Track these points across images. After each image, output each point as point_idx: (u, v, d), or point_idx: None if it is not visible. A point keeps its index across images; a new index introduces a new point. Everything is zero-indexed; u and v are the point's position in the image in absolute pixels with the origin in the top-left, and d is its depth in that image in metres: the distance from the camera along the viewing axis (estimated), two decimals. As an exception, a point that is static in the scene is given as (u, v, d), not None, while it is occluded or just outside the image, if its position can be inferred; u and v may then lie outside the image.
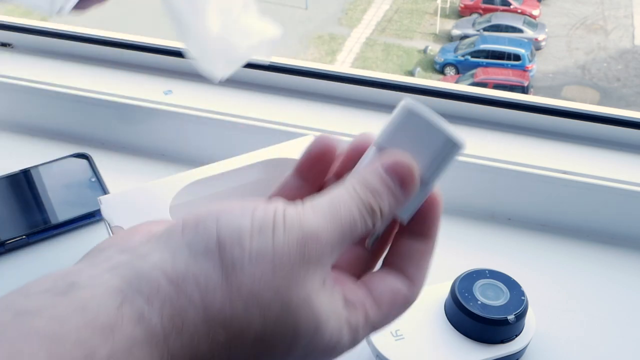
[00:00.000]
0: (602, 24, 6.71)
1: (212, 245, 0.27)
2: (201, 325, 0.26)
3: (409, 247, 0.33)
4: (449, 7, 7.11)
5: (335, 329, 0.28)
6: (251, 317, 0.26)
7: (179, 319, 0.26)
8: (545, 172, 0.61)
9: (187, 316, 0.26)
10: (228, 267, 0.26)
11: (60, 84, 0.72)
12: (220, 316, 0.26)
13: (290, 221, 0.28)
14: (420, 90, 0.68)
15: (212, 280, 0.26)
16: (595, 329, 0.54)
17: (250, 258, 0.27)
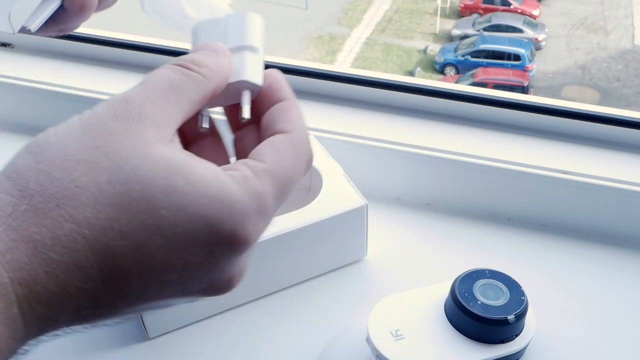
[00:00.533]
0: (602, 24, 6.70)
1: (20, 150, 0.27)
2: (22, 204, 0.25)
3: (271, 114, 0.31)
4: (449, 7, 7.10)
5: (205, 171, 0.27)
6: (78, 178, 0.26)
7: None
8: (545, 172, 0.61)
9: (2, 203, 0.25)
10: (34, 150, 0.26)
11: (60, 84, 0.72)
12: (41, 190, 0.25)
13: (98, 105, 0.28)
14: (420, 90, 0.68)
15: (20, 165, 0.26)
16: (595, 329, 0.54)
17: (56, 133, 0.27)
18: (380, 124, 0.67)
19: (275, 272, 0.56)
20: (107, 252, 0.25)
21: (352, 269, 0.59)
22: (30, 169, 0.26)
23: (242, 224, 0.27)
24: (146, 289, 0.27)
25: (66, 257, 0.25)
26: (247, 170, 0.28)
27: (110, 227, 0.25)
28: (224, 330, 0.54)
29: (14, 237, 0.25)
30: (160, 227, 0.26)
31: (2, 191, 0.26)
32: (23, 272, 0.24)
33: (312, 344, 0.52)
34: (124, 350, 0.53)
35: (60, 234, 0.25)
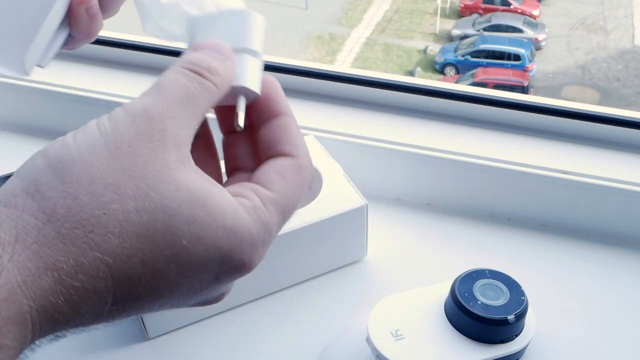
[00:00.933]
0: (602, 24, 6.70)
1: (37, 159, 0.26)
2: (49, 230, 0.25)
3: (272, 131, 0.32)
4: (449, 7, 7.10)
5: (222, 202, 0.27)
6: (106, 205, 0.25)
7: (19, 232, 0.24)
8: (545, 172, 0.61)
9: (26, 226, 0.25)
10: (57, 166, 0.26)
11: (60, 84, 0.72)
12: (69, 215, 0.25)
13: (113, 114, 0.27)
14: (420, 90, 0.68)
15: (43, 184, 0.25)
16: (595, 329, 0.54)
17: (79, 150, 0.26)
18: (380, 124, 0.67)
19: (275, 272, 0.56)
20: (126, 279, 0.26)
21: (352, 269, 0.59)
22: (55, 189, 0.25)
23: (250, 254, 0.28)
24: (151, 305, 0.28)
25: (86, 284, 0.25)
26: (257, 200, 0.29)
27: (133, 256, 0.26)
28: (224, 330, 0.54)
29: (38, 265, 0.24)
30: (179, 256, 0.26)
31: (26, 212, 0.25)
32: (43, 299, 0.24)
33: (312, 344, 0.52)
34: (124, 350, 0.53)
35: (85, 262, 0.25)
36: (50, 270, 0.24)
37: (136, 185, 0.26)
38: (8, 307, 0.23)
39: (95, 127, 0.27)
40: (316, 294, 0.57)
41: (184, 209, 0.26)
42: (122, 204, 0.25)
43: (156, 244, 0.26)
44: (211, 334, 0.54)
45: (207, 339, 0.53)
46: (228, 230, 0.27)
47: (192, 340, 0.53)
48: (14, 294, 0.24)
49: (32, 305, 0.24)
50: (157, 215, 0.26)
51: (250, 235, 0.28)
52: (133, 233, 0.25)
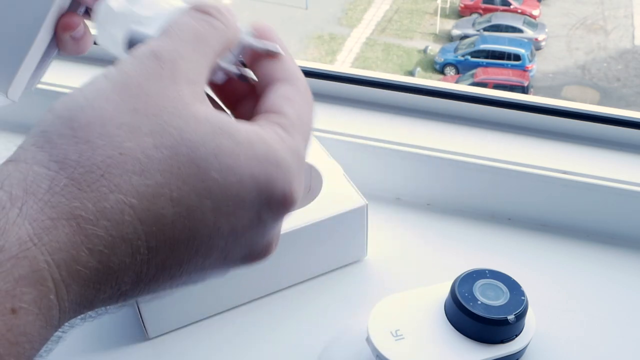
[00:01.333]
0: (602, 24, 6.70)
1: (44, 115, 0.25)
2: (61, 177, 0.23)
3: (265, 66, 0.30)
4: (449, 7, 7.10)
5: (248, 131, 0.26)
6: (122, 144, 0.24)
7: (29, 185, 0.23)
8: (545, 172, 0.61)
9: (37, 177, 0.23)
10: (64, 114, 0.25)
11: (60, 84, 0.72)
12: (82, 159, 0.23)
13: (119, 60, 0.26)
14: (420, 90, 0.68)
15: (52, 133, 0.24)
16: (595, 329, 0.54)
17: (86, 96, 0.25)
18: (380, 124, 0.67)
19: (275, 272, 0.56)
20: (157, 221, 0.24)
21: (352, 269, 0.59)
22: (65, 137, 0.24)
23: (290, 183, 0.26)
24: (191, 258, 0.26)
25: (112, 230, 0.23)
26: (279, 129, 0.27)
27: (160, 194, 0.24)
28: (224, 330, 0.54)
29: (52, 216, 0.22)
30: (211, 190, 0.25)
31: (37, 163, 0.23)
32: (62, 253, 0.22)
33: (312, 344, 0.52)
34: (124, 350, 0.53)
35: (106, 207, 0.23)
36: (67, 219, 0.23)
37: (151, 122, 0.24)
38: (20, 264, 0.21)
39: (102, 75, 0.26)
40: (316, 294, 0.57)
41: (208, 140, 0.25)
42: (138, 141, 0.24)
43: (183, 180, 0.24)
44: (211, 334, 0.54)
45: (207, 339, 0.53)
46: (261, 158, 0.25)
47: (192, 340, 0.53)
48: (26, 249, 0.22)
49: (50, 261, 0.22)
50: (178, 149, 0.24)
51: (285, 163, 0.26)
52: (155, 170, 0.24)
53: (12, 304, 0.21)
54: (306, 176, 0.64)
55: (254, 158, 0.25)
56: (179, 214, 0.24)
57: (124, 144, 0.24)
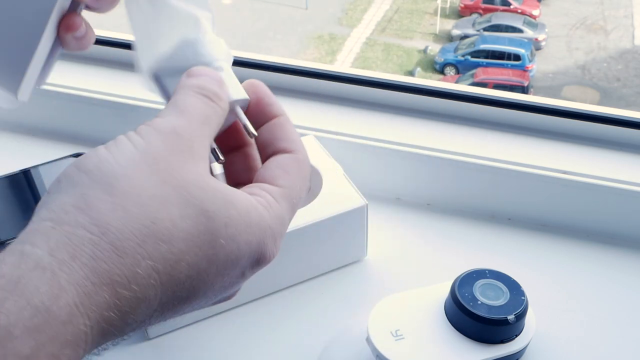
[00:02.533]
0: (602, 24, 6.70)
1: (77, 175, 0.27)
2: (104, 244, 0.25)
3: (269, 132, 0.34)
4: (449, 7, 7.10)
5: (246, 201, 0.29)
6: (154, 214, 0.26)
7: (75, 249, 0.25)
8: (545, 172, 0.61)
9: (81, 241, 0.25)
10: (102, 180, 0.27)
11: (60, 84, 0.72)
12: (121, 227, 0.26)
13: (141, 130, 0.29)
14: (420, 90, 0.68)
15: (92, 197, 0.26)
16: (595, 329, 0.54)
17: (120, 164, 0.27)
18: (380, 124, 0.67)
19: (275, 272, 0.55)
20: (173, 283, 0.27)
21: (352, 269, 0.59)
22: (105, 202, 0.26)
23: (273, 246, 0.30)
24: (184, 307, 0.29)
25: (138, 293, 0.26)
26: (269, 196, 0.31)
27: (181, 260, 0.27)
28: (224, 330, 0.54)
29: (94, 281, 0.25)
30: (218, 256, 0.28)
31: (79, 226, 0.25)
32: (98, 316, 0.25)
33: (312, 344, 0.52)
34: (124, 350, 0.53)
35: (139, 272, 0.26)
36: (107, 285, 0.25)
37: (177, 194, 0.27)
38: (66, 330, 0.24)
39: (128, 141, 0.28)
40: (316, 294, 0.57)
41: (221, 211, 0.28)
42: (168, 212, 0.27)
43: (199, 246, 0.27)
44: (211, 334, 0.54)
45: (207, 339, 0.53)
46: (254, 226, 0.29)
47: (192, 340, 0.53)
48: (73, 316, 0.24)
49: (88, 324, 0.25)
50: (199, 219, 0.27)
51: (270, 229, 0.30)
52: (180, 239, 0.27)
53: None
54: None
55: (249, 226, 0.29)
56: (190, 276, 0.27)
57: (156, 214, 0.26)
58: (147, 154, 0.28)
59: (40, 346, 0.23)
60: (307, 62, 0.71)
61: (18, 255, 0.24)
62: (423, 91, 0.68)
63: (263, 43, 6.71)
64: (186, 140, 0.29)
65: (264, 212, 0.30)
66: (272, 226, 0.30)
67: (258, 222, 0.29)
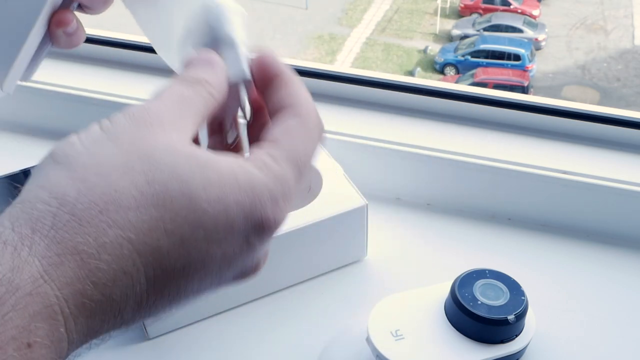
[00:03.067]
0: (602, 24, 6.70)
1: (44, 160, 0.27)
2: (63, 213, 0.25)
3: (272, 92, 0.33)
4: (449, 7, 7.10)
5: (230, 163, 0.28)
6: (116, 182, 0.26)
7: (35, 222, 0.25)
8: (545, 172, 0.61)
9: (41, 214, 0.25)
10: (63, 160, 0.27)
11: (60, 84, 0.72)
12: (80, 197, 0.25)
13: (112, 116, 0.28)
14: (420, 90, 0.68)
15: (52, 175, 0.26)
16: (595, 329, 0.54)
17: (82, 143, 0.27)
18: (380, 124, 0.67)
19: (275, 272, 0.56)
20: (153, 252, 0.26)
21: (352, 269, 0.59)
22: (64, 177, 0.26)
23: (273, 209, 0.28)
24: (187, 283, 0.27)
25: (113, 264, 0.25)
26: (264, 156, 0.29)
27: (155, 227, 0.26)
28: (224, 330, 0.54)
29: (58, 252, 0.24)
30: (202, 220, 0.26)
31: (39, 201, 0.25)
32: (69, 287, 0.24)
33: (312, 344, 0.52)
34: (124, 350, 0.53)
35: (106, 241, 0.25)
36: (72, 254, 0.24)
37: (142, 162, 0.26)
38: (34, 301, 0.23)
39: (96, 125, 0.28)
40: (316, 294, 0.57)
41: (196, 174, 0.27)
42: (132, 179, 0.26)
43: (176, 212, 0.26)
44: (211, 334, 0.54)
45: (207, 339, 0.53)
46: (244, 186, 0.27)
47: (192, 340, 0.53)
48: (38, 286, 0.23)
49: (59, 295, 0.24)
50: (170, 184, 0.26)
51: (267, 189, 0.28)
52: (149, 204, 0.26)
53: (28, 339, 0.23)
54: (306, 176, 0.64)
55: (238, 187, 0.27)
56: (173, 244, 0.26)
57: (118, 182, 0.26)
58: (111, 132, 0.27)
59: (6, 318, 0.23)
60: (307, 62, 0.71)
61: None
62: (423, 91, 0.68)
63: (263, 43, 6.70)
64: (153, 112, 0.28)
65: (256, 171, 0.28)
66: (268, 185, 0.28)
67: (249, 181, 0.28)
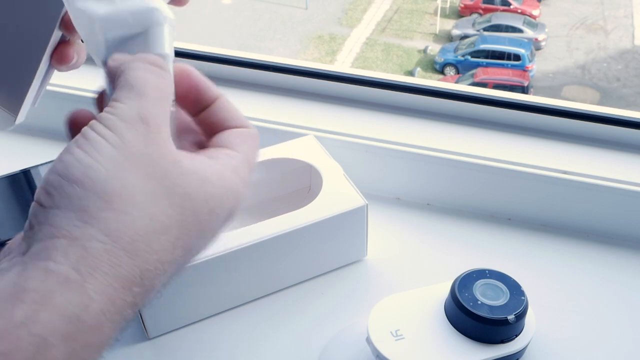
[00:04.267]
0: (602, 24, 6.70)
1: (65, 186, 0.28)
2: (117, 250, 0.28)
3: (215, 114, 0.36)
4: (449, 7, 7.10)
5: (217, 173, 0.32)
6: (149, 211, 0.29)
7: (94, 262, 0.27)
8: (545, 172, 0.61)
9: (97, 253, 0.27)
10: (94, 188, 0.28)
11: (60, 84, 0.72)
12: (127, 231, 0.28)
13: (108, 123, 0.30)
14: (420, 90, 0.68)
15: (91, 207, 0.28)
16: (595, 329, 0.54)
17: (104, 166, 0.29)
18: (380, 124, 0.67)
19: (275, 272, 0.56)
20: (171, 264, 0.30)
21: (352, 269, 0.59)
22: (105, 210, 0.28)
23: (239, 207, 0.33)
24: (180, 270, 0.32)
25: (148, 286, 0.28)
26: (233, 161, 0.33)
27: (177, 246, 0.29)
28: (224, 330, 0.54)
29: (116, 287, 0.27)
30: (204, 230, 0.31)
31: (92, 238, 0.27)
32: (118, 315, 0.27)
33: (312, 344, 0.52)
34: (124, 350, 0.53)
35: (149, 269, 0.28)
36: (126, 288, 0.27)
37: (162, 186, 0.29)
38: (95, 336, 0.26)
39: (102, 139, 0.29)
40: (316, 294, 0.57)
41: (199, 191, 0.30)
42: (160, 206, 0.29)
43: (189, 228, 0.30)
44: (211, 334, 0.54)
45: (207, 339, 0.53)
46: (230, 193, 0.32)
47: (192, 340, 0.53)
48: (101, 322, 0.26)
49: (112, 327, 0.27)
50: (184, 204, 0.30)
51: (239, 193, 0.33)
52: (172, 226, 0.29)
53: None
54: (306, 176, 0.64)
55: (227, 196, 0.32)
56: (185, 255, 0.30)
57: (151, 210, 0.29)
58: (125, 152, 0.29)
59: (73, 352, 0.25)
60: (307, 62, 0.71)
61: (43, 272, 0.26)
62: (423, 91, 0.68)
63: (263, 43, 6.71)
64: (154, 126, 0.30)
65: (234, 177, 0.32)
66: (240, 190, 0.33)
67: (233, 189, 0.32)
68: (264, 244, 0.52)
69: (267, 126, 0.66)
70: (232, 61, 0.72)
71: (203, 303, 0.54)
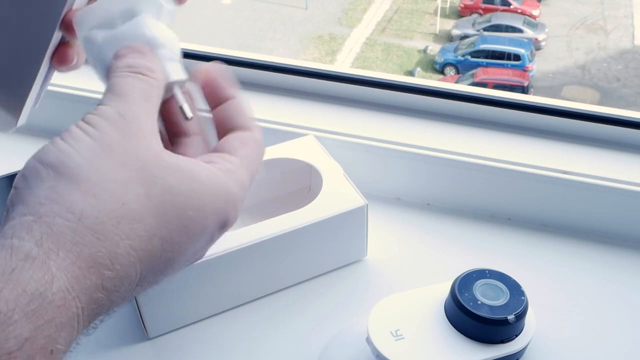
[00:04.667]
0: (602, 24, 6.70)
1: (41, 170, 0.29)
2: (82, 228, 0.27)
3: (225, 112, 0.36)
4: (449, 7, 7.11)
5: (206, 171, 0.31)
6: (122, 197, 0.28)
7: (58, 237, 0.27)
8: (545, 172, 0.61)
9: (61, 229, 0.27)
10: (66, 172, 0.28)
11: (60, 84, 0.72)
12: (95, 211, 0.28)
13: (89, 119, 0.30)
14: (420, 90, 0.68)
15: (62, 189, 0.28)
16: (595, 329, 0.54)
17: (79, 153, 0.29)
18: (380, 124, 0.67)
19: (275, 272, 0.56)
20: (149, 257, 0.29)
21: (352, 269, 0.59)
22: (76, 192, 0.28)
23: (236, 210, 0.33)
24: (162, 279, 0.31)
25: (120, 272, 0.28)
26: (229, 164, 0.33)
27: (153, 236, 0.29)
28: (224, 330, 0.54)
29: (81, 265, 0.27)
30: (188, 226, 0.30)
31: (56, 216, 0.27)
32: (87, 296, 0.27)
33: (312, 344, 0.52)
34: (124, 350, 0.53)
35: (119, 252, 0.28)
36: (92, 267, 0.27)
37: (139, 176, 0.29)
38: (61, 314, 0.26)
39: (82, 132, 0.30)
40: (316, 294, 0.57)
41: (183, 186, 0.30)
42: (134, 193, 0.29)
43: (169, 221, 0.29)
44: (211, 334, 0.54)
45: (207, 339, 0.53)
46: (220, 193, 0.31)
47: (192, 340, 0.53)
48: (66, 300, 0.26)
49: (79, 306, 0.26)
50: (164, 196, 0.29)
51: (234, 195, 0.32)
52: (150, 216, 0.29)
53: (52, 346, 0.25)
54: (306, 176, 0.64)
55: (214, 195, 0.31)
56: (164, 249, 0.30)
57: (124, 196, 0.28)
58: (102, 143, 0.29)
59: (39, 329, 0.25)
60: (307, 62, 0.71)
61: (7, 249, 0.26)
62: (423, 91, 0.68)
63: (263, 43, 6.71)
64: (133, 122, 0.30)
65: (226, 179, 0.32)
66: (234, 190, 0.32)
67: (223, 189, 0.31)
68: (264, 244, 0.52)
69: (267, 126, 0.66)
70: (232, 61, 0.72)
71: (203, 303, 0.54)
